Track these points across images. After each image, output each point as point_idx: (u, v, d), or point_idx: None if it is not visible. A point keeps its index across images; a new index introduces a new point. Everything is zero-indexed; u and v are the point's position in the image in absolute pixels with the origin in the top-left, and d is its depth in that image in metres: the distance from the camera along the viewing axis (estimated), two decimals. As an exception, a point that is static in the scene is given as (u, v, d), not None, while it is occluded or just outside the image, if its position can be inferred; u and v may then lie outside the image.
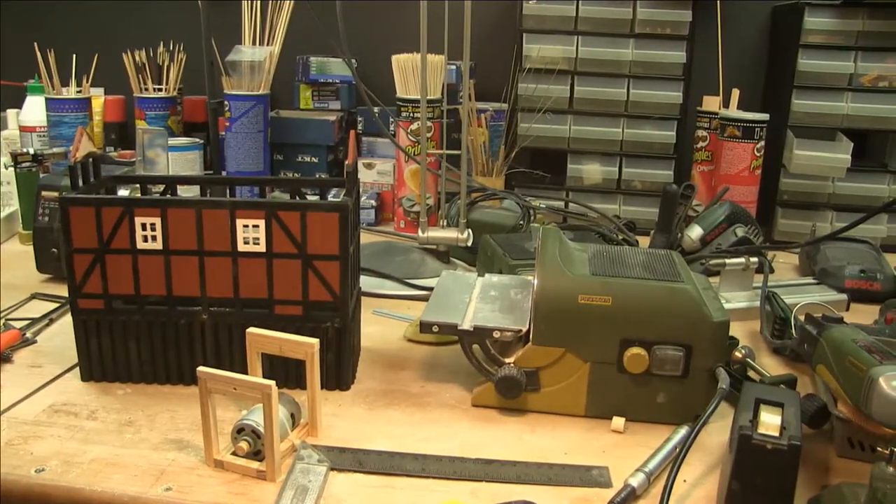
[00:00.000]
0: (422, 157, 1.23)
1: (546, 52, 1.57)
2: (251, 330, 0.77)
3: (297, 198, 0.95)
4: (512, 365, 0.82)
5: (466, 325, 0.83)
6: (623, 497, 0.68)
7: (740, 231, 1.34)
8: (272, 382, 0.67)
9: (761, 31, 1.74)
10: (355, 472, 0.72)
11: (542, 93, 1.57)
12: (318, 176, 1.67)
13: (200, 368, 0.70)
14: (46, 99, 1.56)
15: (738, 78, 1.62)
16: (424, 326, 0.84)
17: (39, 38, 1.57)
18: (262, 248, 0.82)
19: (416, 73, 1.44)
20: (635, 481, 0.69)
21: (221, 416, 0.75)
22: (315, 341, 0.75)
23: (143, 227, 0.82)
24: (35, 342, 0.99)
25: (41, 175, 1.37)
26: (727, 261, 1.16)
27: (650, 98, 1.57)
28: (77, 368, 0.88)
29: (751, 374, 0.91)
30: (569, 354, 0.81)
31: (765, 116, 1.48)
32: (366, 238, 1.44)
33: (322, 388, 0.83)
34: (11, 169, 1.39)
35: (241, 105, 1.52)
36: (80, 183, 0.87)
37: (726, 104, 1.57)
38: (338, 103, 1.75)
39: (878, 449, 0.74)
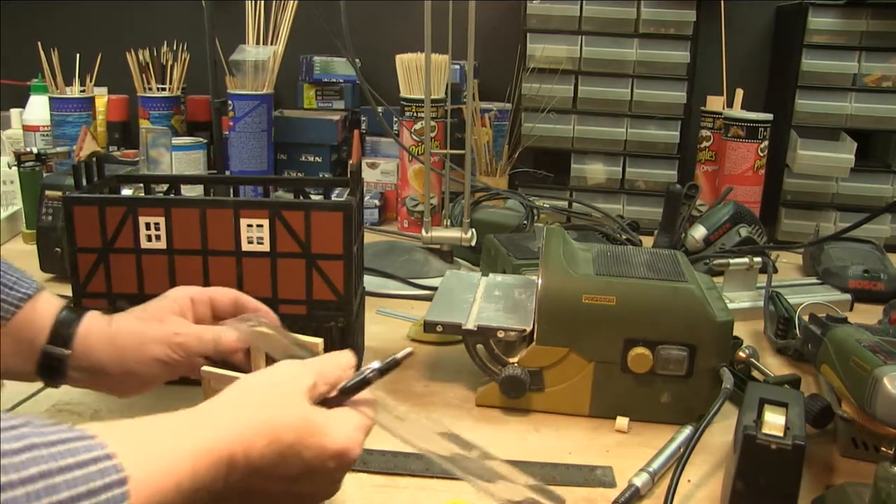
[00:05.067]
0: (425, 157, 1.23)
1: (550, 52, 1.57)
2: (256, 328, 0.77)
3: (301, 197, 0.95)
4: (516, 364, 0.82)
5: (470, 324, 0.83)
6: (627, 497, 0.68)
7: (744, 231, 1.34)
8: None
9: (765, 31, 1.74)
10: (359, 471, 0.72)
11: (545, 92, 1.57)
12: (321, 175, 1.67)
13: (204, 367, 0.70)
14: (50, 98, 1.56)
15: (741, 78, 1.61)
16: (428, 326, 0.84)
17: (43, 38, 1.57)
18: (265, 247, 0.82)
19: (419, 72, 1.44)
20: (639, 481, 0.69)
21: (225, 416, 0.75)
22: (319, 341, 0.74)
23: (147, 226, 0.82)
24: (39, 341, 0.99)
25: (44, 174, 1.37)
26: (731, 261, 1.16)
27: (654, 98, 1.57)
28: (81, 367, 0.88)
29: (754, 373, 0.91)
30: (573, 354, 0.81)
31: (768, 116, 1.48)
32: (369, 238, 1.44)
33: (326, 387, 0.83)
34: (15, 168, 1.39)
35: (245, 104, 1.52)
36: (84, 182, 0.87)
37: (730, 104, 1.57)
38: (341, 103, 1.75)
39: (883, 449, 0.74)
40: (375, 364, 0.55)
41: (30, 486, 0.33)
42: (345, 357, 0.56)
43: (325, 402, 0.54)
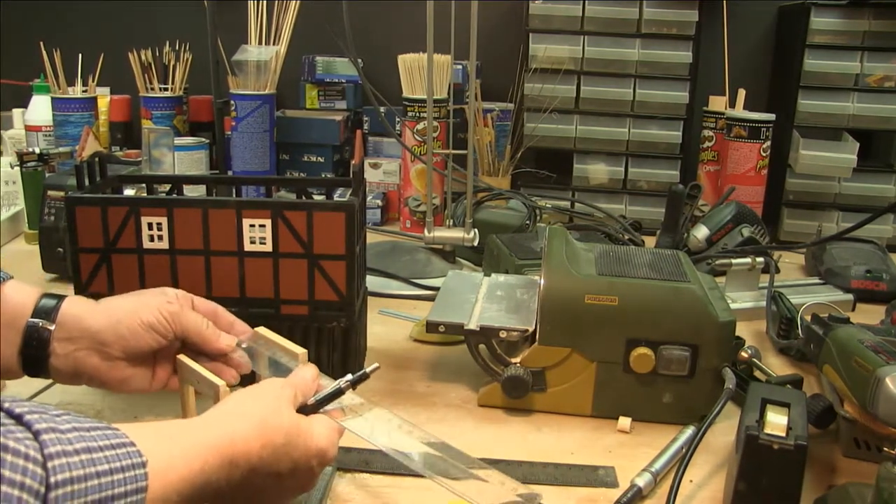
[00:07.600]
0: (428, 157, 1.23)
1: (552, 52, 1.57)
2: (258, 329, 0.77)
3: (304, 197, 0.96)
4: (518, 365, 0.82)
5: (472, 324, 0.83)
6: (629, 497, 0.68)
7: (746, 231, 1.34)
8: (221, 382, 0.65)
9: (767, 31, 1.74)
10: (361, 471, 0.72)
11: (548, 92, 1.57)
12: (323, 176, 1.67)
13: (180, 356, 0.69)
14: (52, 98, 1.56)
15: (744, 78, 1.61)
16: (430, 326, 0.84)
17: (45, 38, 1.57)
18: (268, 247, 0.82)
19: (422, 72, 1.44)
20: (641, 481, 0.69)
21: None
22: (303, 351, 0.70)
23: (150, 226, 0.82)
24: (42, 341, 0.99)
25: (47, 174, 1.37)
26: (733, 261, 1.16)
27: (656, 98, 1.57)
28: (84, 367, 0.88)
29: (757, 374, 0.90)
30: (575, 354, 0.81)
31: (771, 116, 1.48)
32: (372, 238, 1.44)
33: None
34: (17, 168, 1.39)
35: (247, 104, 1.52)
36: (86, 182, 0.87)
37: (732, 104, 1.57)
38: (344, 103, 1.75)
39: (885, 449, 0.74)
40: (348, 377, 0.64)
41: (78, 457, 0.43)
42: (310, 371, 0.65)
43: (303, 409, 0.62)
